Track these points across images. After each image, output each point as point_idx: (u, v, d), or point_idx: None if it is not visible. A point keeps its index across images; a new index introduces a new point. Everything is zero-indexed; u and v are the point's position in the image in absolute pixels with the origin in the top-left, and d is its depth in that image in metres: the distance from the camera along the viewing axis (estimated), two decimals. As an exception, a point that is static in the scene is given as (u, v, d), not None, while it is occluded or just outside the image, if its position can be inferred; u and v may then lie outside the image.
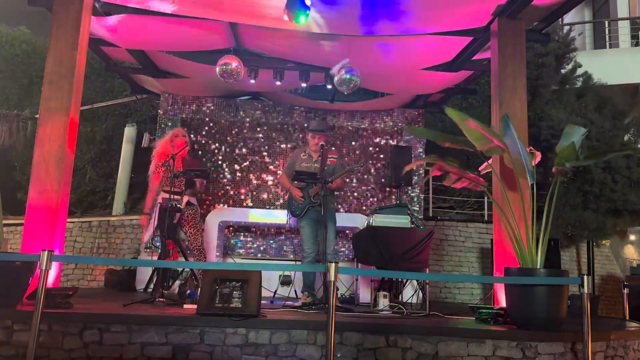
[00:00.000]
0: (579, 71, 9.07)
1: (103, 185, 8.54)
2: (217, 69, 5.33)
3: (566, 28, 9.63)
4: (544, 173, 7.05)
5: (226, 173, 7.01)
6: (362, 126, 7.26)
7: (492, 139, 3.70)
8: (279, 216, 6.51)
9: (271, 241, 6.87)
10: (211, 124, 7.12)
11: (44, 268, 2.99)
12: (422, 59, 5.60)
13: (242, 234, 6.85)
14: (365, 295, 5.56)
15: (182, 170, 4.86)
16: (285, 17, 4.28)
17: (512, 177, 3.98)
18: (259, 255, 6.81)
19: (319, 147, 4.92)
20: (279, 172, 6.98)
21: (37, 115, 4.33)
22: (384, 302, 4.49)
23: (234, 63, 5.32)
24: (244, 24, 4.95)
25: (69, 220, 6.23)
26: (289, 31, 4.93)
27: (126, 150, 8.21)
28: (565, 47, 8.90)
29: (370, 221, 5.08)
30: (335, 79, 5.46)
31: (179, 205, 4.85)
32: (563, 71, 8.84)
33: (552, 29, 9.10)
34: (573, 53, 9.03)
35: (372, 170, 7.19)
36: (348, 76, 5.36)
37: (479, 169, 4.21)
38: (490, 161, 4.27)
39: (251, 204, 6.95)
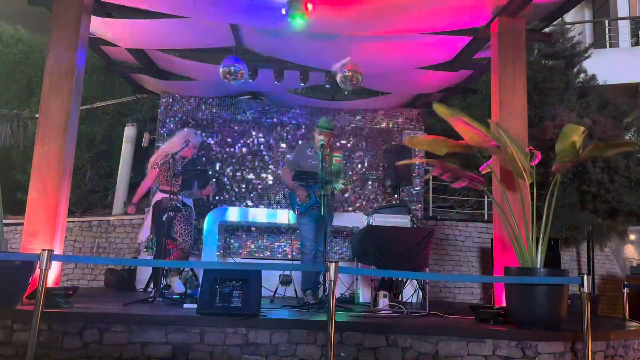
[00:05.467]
0: (585, 72, 9.06)
1: (103, 185, 8.54)
2: (220, 70, 5.33)
3: (572, 32, 9.60)
4: (544, 173, 7.05)
5: (226, 172, 7.01)
6: (362, 125, 7.25)
7: (486, 138, 3.70)
8: (279, 216, 6.52)
9: (271, 241, 6.86)
10: (211, 124, 7.12)
11: (43, 267, 3.00)
12: (422, 58, 5.61)
13: (242, 233, 6.85)
14: (365, 295, 5.56)
15: (181, 169, 4.86)
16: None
17: (511, 176, 3.97)
18: (259, 255, 6.81)
19: (320, 145, 4.90)
20: (279, 171, 6.97)
21: (37, 115, 4.33)
22: (384, 302, 4.49)
23: (237, 64, 5.32)
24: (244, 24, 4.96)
25: (69, 220, 6.23)
26: (289, 31, 4.93)
27: (126, 150, 8.21)
28: (572, 50, 8.90)
29: (370, 221, 5.08)
30: (338, 77, 5.45)
31: (179, 205, 4.84)
32: (571, 73, 8.83)
33: (559, 29, 9.10)
34: (583, 59, 9.01)
35: (371, 170, 7.18)
36: (350, 74, 5.35)
37: (480, 169, 4.21)
38: (490, 161, 4.26)
39: (251, 204, 6.94)
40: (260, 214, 6.58)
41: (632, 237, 9.34)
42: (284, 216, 6.14)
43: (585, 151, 3.61)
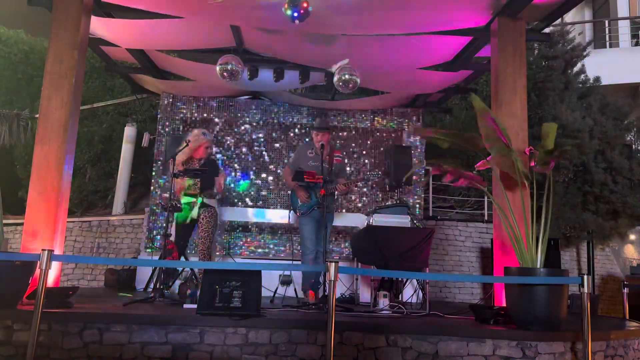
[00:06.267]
0: (584, 73, 9.05)
1: (103, 185, 8.55)
2: (217, 68, 5.32)
3: (573, 33, 9.61)
4: (544, 173, 7.04)
5: (226, 172, 7.01)
6: (362, 126, 7.25)
7: (500, 137, 3.72)
8: (279, 216, 6.52)
9: (271, 241, 6.86)
10: (211, 124, 7.12)
11: (44, 268, 3.00)
12: (421, 58, 5.60)
13: (242, 233, 6.85)
14: (365, 295, 5.56)
15: (183, 170, 4.87)
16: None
17: (511, 176, 3.98)
18: (259, 255, 6.81)
19: (319, 146, 4.90)
20: (279, 171, 6.98)
21: (37, 115, 4.33)
22: (384, 302, 4.49)
23: (234, 63, 5.32)
24: (244, 24, 4.96)
25: (69, 220, 6.23)
26: (289, 31, 4.93)
27: (126, 150, 8.21)
28: (572, 52, 8.90)
29: (370, 221, 5.08)
30: (335, 79, 5.45)
31: (179, 205, 4.85)
32: (570, 72, 8.83)
33: (558, 31, 9.10)
34: (581, 58, 9.01)
35: (373, 170, 7.19)
36: (348, 76, 5.35)
37: (476, 166, 4.21)
38: (489, 158, 4.25)
39: (251, 204, 6.95)
40: (260, 214, 6.58)
41: (632, 237, 9.34)
42: (284, 216, 6.15)
43: (558, 151, 3.67)
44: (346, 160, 6.95)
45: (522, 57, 4.59)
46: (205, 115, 7.11)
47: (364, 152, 7.21)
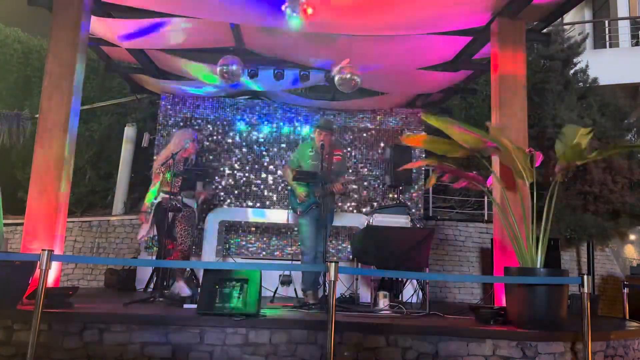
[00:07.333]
0: (581, 72, 9.04)
1: (103, 185, 8.54)
2: (218, 69, 5.32)
3: (573, 32, 9.61)
4: (545, 173, 7.04)
5: (226, 172, 7.01)
6: (362, 126, 7.26)
7: (484, 140, 3.71)
8: (279, 216, 6.52)
9: (271, 241, 6.86)
10: (211, 124, 7.12)
11: (44, 268, 3.00)
12: (421, 58, 5.61)
13: (242, 233, 6.85)
14: (365, 295, 5.56)
15: (183, 170, 4.86)
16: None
17: (511, 176, 3.98)
18: (259, 255, 6.81)
19: (320, 145, 4.90)
20: (279, 171, 6.98)
21: (37, 115, 4.33)
22: (384, 302, 4.49)
23: (235, 63, 5.31)
24: (245, 23, 4.97)
25: (69, 220, 6.22)
26: (289, 31, 4.93)
27: (126, 150, 8.20)
28: (568, 50, 8.88)
29: (370, 221, 5.09)
30: (336, 79, 5.45)
31: (179, 205, 4.84)
32: (571, 72, 8.82)
33: (554, 30, 9.09)
34: (578, 57, 9.00)
35: (372, 170, 7.19)
36: (349, 76, 5.36)
37: (487, 183, 4.19)
38: (493, 177, 4.25)
39: (251, 204, 6.95)
40: (260, 214, 6.58)
41: (632, 237, 9.34)
42: (284, 216, 6.16)
43: (591, 154, 3.64)
44: (346, 160, 6.96)
45: (522, 57, 4.59)
46: (205, 115, 7.11)
47: (364, 152, 7.21)
